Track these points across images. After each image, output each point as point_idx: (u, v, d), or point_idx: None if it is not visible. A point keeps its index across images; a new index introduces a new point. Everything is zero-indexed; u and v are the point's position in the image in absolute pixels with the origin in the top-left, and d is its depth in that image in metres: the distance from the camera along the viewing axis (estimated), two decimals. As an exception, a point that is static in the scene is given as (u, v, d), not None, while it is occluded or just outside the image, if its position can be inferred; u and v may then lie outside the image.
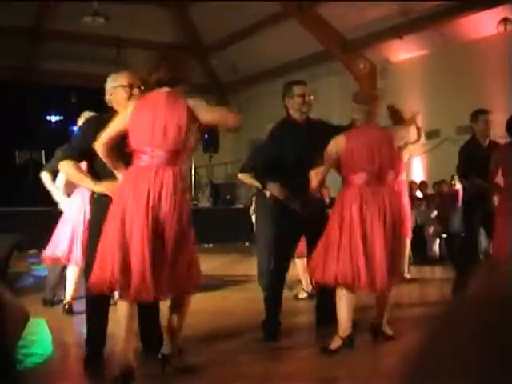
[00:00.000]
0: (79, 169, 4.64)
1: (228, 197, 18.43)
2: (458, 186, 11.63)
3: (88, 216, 5.45)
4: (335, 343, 5.03)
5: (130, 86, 4.72)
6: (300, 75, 17.51)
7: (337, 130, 5.60)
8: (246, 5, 15.44)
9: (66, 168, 4.70)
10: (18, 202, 14.92)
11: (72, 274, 6.77)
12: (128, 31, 17.08)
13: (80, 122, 6.89)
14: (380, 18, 14.19)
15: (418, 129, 7.00)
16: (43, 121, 19.41)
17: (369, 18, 14.38)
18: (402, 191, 8.25)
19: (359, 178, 5.08)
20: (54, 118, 19.80)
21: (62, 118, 19.84)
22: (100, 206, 4.54)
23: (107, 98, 4.81)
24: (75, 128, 6.16)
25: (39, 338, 5.51)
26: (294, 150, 5.54)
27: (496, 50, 13.02)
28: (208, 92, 20.50)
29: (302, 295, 7.85)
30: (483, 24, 12.96)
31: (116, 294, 4.62)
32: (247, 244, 15.82)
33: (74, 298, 6.69)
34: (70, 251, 6.76)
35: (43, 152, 15.85)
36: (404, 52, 15.27)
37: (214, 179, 19.83)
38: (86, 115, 6.77)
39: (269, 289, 5.93)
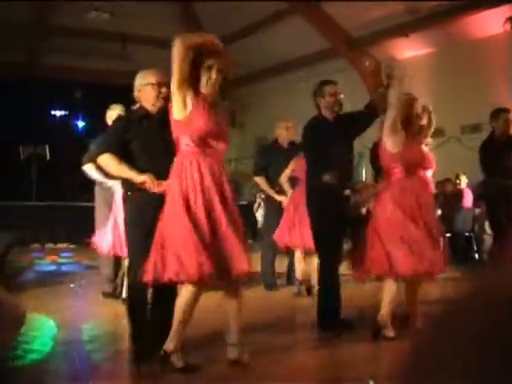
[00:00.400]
0: (120, 161, 4.69)
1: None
2: (463, 185, 11.62)
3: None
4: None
5: (159, 85, 4.85)
6: (305, 72, 17.55)
7: (361, 115, 6.00)
8: (251, 1, 15.40)
9: (107, 160, 4.76)
10: (22, 197, 14.94)
11: None
12: (132, 27, 17.04)
13: (109, 113, 6.99)
14: (386, 15, 14.14)
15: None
16: (47, 116, 19.39)
17: (375, 16, 14.32)
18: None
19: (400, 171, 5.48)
20: (58, 113, 19.77)
21: (66, 112, 19.82)
22: (133, 204, 4.65)
23: (135, 94, 4.97)
24: (106, 124, 6.17)
25: (39, 334, 5.50)
26: (326, 147, 5.74)
27: (502, 48, 12.97)
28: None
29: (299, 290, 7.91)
30: (489, 22, 12.90)
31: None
32: (250, 241, 15.83)
33: None
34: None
35: (47, 147, 15.85)
36: (409, 50, 15.21)
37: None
38: (114, 108, 6.87)
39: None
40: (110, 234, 6.74)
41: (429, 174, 8.56)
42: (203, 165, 4.35)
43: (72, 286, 8.40)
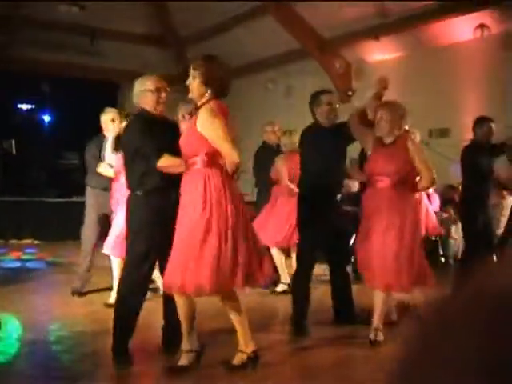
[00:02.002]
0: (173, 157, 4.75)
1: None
2: (430, 190, 11.69)
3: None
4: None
5: (158, 90, 5.02)
6: (275, 73, 17.55)
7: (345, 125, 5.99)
8: (222, 0, 15.38)
9: (167, 162, 4.76)
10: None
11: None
12: (103, 21, 16.89)
13: (104, 118, 7.14)
14: (357, 18, 14.19)
15: None
16: (14, 109, 19.15)
17: (346, 18, 14.36)
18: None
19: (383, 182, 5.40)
20: (25, 107, 19.54)
21: (33, 106, 19.59)
22: (141, 205, 4.79)
23: (135, 100, 5.03)
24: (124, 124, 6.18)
25: (4, 334, 5.42)
26: (322, 153, 5.93)
27: (471, 55, 13.10)
28: (181, 85, 20.38)
29: (280, 288, 7.96)
30: (459, 29, 13.02)
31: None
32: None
33: None
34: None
35: (13, 141, 15.65)
36: (380, 53, 15.29)
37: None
38: (108, 112, 7.04)
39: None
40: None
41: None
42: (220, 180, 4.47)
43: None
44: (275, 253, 8.01)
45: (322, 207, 5.89)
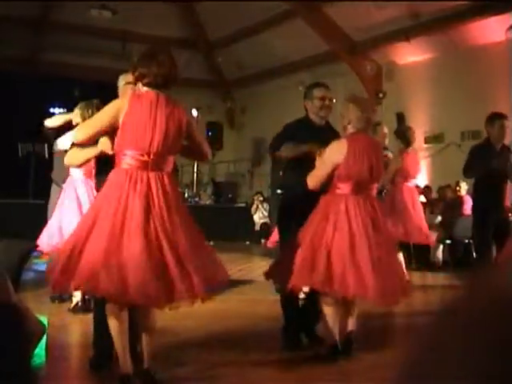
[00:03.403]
0: None
1: (230, 195, 18.39)
2: (463, 193, 11.60)
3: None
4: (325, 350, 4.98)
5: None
6: (305, 75, 17.51)
7: (336, 134, 5.47)
8: (252, 2, 15.39)
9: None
10: (20, 195, 14.87)
11: None
12: (134, 25, 17.03)
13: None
14: (387, 20, 14.13)
15: None
16: (46, 113, 19.31)
17: (376, 20, 14.31)
18: (414, 197, 8.36)
19: (347, 187, 4.95)
20: (57, 111, 19.69)
21: (65, 110, 19.74)
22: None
23: (119, 95, 4.78)
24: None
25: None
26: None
27: (503, 55, 12.96)
28: (213, 88, 20.47)
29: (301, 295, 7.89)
30: (491, 30, 12.90)
31: None
32: (248, 243, 15.80)
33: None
34: None
35: (46, 145, 15.77)
36: (410, 55, 15.20)
37: (215, 177, 19.79)
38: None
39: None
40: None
41: (413, 183, 8.56)
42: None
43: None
44: None
45: (303, 214, 5.21)
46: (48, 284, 4.22)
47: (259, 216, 16.86)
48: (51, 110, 19.54)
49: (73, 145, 4.50)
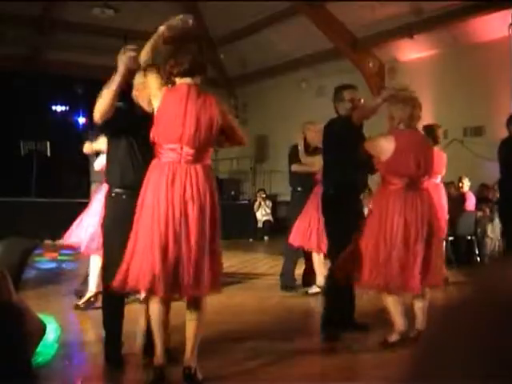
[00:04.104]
0: None
1: (232, 192, 18.39)
2: (466, 189, 11.57)
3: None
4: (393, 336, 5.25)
5: None
6: (308, 72, 17.52)
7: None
8: (255, 0, 15.37)
9: None
10: (23, 193, 14.88)
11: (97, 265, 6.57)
12: (136, 24, 16.99)
13: None
14: (390, 16, 14.11)
15: None
16: (48, 111, 19.34)
17: (379, 17, 14.28)
18: (440, 193, 8.39)
19: (399, 182, 5.18)
20: (59, 109, 19.72)
21: (67, 108, 19.76)
22: (116, 204, 4.55)
23: (134, 93, 4.78)
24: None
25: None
26: (347, 149, 5.68)
27: (506, 52, 12.93)
28: (215, 85, 20.44)
29: (314, 290, 7.91)
30: (494, 26, 12.86)
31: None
32: (251, 240, 15.82)
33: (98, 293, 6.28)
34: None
35: (48, 143, 15.79)
36: (413, 51, 15.18)
37: (218, 174, 19.79)
38: None
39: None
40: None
41: (438, 179, 8.59)
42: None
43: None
44: (315, 254, 7.97)
45: (348, 206, 5.70)
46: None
47: (262, 213, 16.86)
48: (53, 108, 19.59)
49: None
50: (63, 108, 19.78)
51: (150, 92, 4.29)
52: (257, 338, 5.50)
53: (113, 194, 4.62)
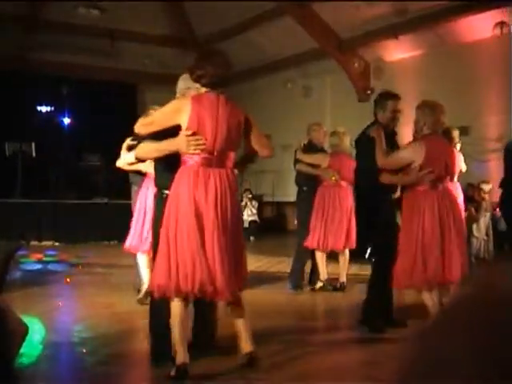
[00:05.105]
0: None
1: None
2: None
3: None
4: None
5: None
6: (294, 72, 17.52)
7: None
8: (240, 1, 15.37)
9: None
10: (8, 194, 14.79)
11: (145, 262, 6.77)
12: (122, 23, 16.97)
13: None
14: (375, 17, 14.15)
15: None
16: (33, 112, 19.21)
17: (364, 17, 14.32)
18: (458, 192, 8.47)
19: (428, 184, 5.43)
20: (44, 109, 19.59)
21: (52, 109, 19.63)
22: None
23: (177, 97, 4.88)
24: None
25: (28, 338, 5.40)
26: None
27: (491, 52, 13.01)
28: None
29: (318, 285, 8.20)
30: (479, 26, 12.94)
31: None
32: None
33: None
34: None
35: (33, 144, 15.69)
36: (399, 51, 15.23)
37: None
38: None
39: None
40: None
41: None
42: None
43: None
44: (317, 251, 8.14)
45: (383, 206, 5.87)
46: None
47: (248, 213, 16.86)
48: (38, 109, 19.47)
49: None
50: (48, 108, 19.65)
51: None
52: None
53: (163, 196, 4.72)
